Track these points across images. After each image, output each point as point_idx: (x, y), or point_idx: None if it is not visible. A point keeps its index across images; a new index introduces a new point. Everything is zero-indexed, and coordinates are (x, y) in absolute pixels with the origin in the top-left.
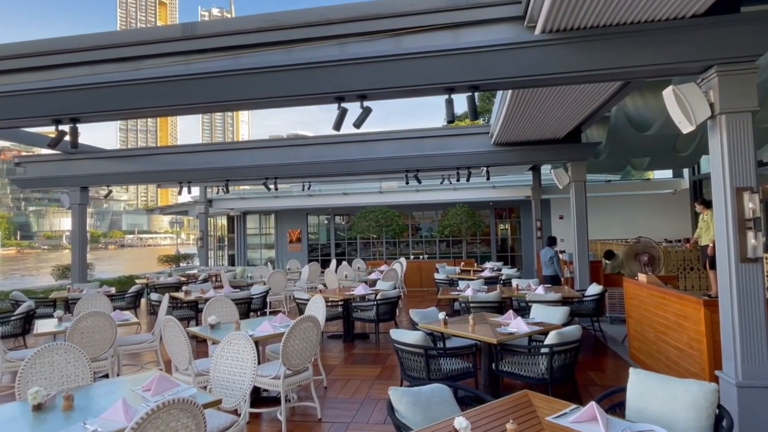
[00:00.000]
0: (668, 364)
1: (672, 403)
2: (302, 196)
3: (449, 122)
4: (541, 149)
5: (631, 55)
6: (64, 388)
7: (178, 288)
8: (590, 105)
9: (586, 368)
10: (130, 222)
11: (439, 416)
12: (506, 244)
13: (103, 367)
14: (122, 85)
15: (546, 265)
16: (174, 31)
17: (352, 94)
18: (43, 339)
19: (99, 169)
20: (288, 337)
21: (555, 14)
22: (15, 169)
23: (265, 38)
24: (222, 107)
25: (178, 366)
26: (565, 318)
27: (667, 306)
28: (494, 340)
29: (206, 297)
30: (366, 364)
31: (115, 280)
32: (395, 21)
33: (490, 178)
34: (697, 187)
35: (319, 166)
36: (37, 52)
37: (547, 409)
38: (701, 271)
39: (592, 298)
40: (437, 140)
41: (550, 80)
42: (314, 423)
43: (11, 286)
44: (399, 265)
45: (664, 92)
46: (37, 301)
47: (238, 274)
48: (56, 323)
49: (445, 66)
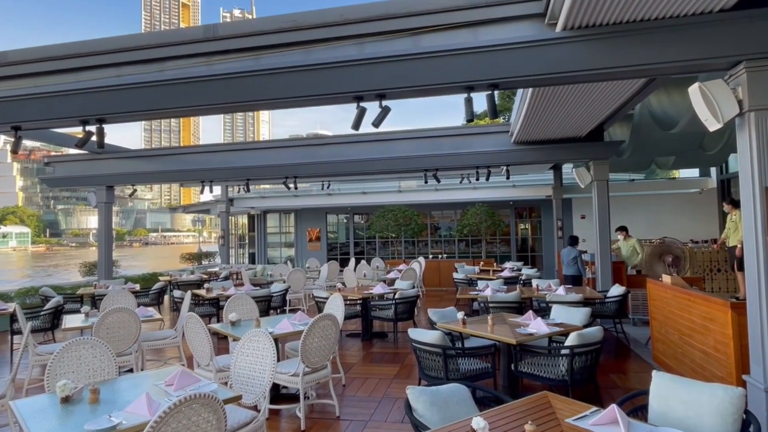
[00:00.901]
0: (693, 368)
1: (696, 408)
2: (321, 195)
3: (468, 121)
4: (563, 148)
5: (656, 51)
6: (91, 381)
7: (200, 285)
8: (613, 103)
9: (608, 370)
10: (153, 220)
11: (457, 416)
12: (526, 244)
13: (128, 361)
14: (146, 86)
15: (568, 265)
16: (196, 33)
17: (370, 93)
18: (70, 334)
19: (124, 168)
20: (307, 335)
21: (577, 11)
22: (44, 169)
23: (285, 39)
24: (243, 107)
25: (199, 362)
26: (587, 319)
27: (693, 308)
28: (514, 341)
29: (227, 294)
30: (384, 362)
31: (140, 277)
32: (413, 20)
33: (510, 177)
34: (725, 186)
35: (339, 165)
36: (65, 54)
37: (567, 410)
38: (729, 272)
39: (615, 299)
40: (456, 139)
41: (572, 78)
42: (333, 420)
43: (41, 281)
44: (417, 264)
45: (689, 89)
46: (65, 296)
47: (258, 272)
48: (83, 318)
49: (464, 65)
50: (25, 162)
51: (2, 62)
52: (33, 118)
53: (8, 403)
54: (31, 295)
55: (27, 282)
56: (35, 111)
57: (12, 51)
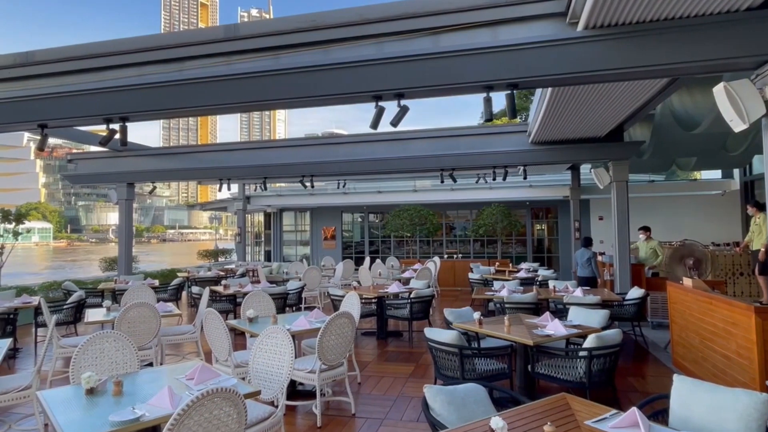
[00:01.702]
0: (715, 373)
1: (719, 413)
2: (337, 193)
3: (487, 120)
4: (582, 148)
5: (680, 50)
6: (114, 374)
7: (217, 282)
8: (634, 103)
9: (626, 374)
10: (171, 217)
11: (474, 416)
12: (542, 245)
13: (148, 356)
14: (167, 85)
15: (582, 266)
16: (217, 33)
17: (389, 92)
18: (92, 327)
19: (144, 166)
20: (324, 333)
21: (600, 10)
22: (66, 166)
23: (304, 38)
24: (262, 106)
25: (218, 357)
26: (605, 322)
27: (715, 312)
28: (531, 342)
29: (244, 291)
30: (399, 361)
31: (158, 272)
32: (433, 19)
33: (527, 177)
34: (748, 188)
35: (355, 164)
36: (89, 54)
37: (586, 413)
38: (751, 276)
39: (633, 301)
40: (473, 138)
41: (593, 77)
42: (348, 418)
43: (63, 276)
44: (432, 263)
45: (714, 89)
46: (86, 291)
47: (274, 270)
48: (105, 313)
49: (483, 64)
50: (47, 159)
51: (29, 62)
52: (59, 116)
53: (36, 393)
54: (54, 289)
55: (50, 274)
56: (61, 109)
57: (39, 51)
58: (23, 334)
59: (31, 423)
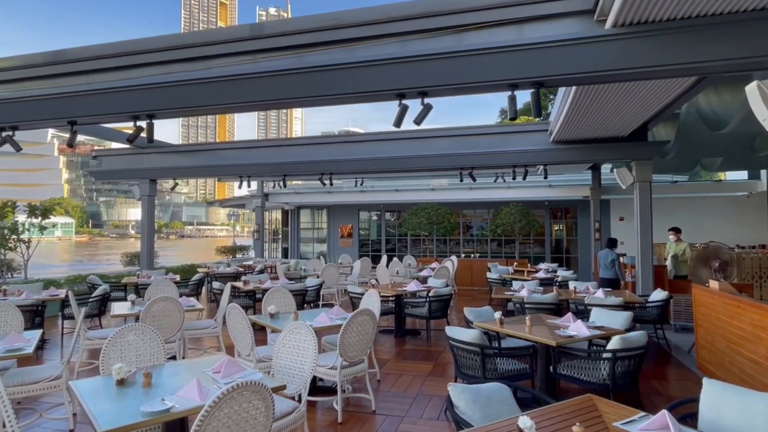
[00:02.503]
0: (742, 377)
1: (751, 418)
2: (354, 191)
3: (512, 119)
4: (604, 147)
5: (710, 48)
6: (141, 366)
7: (237, 278)
8: (660, 102)
9: (650, 377)
10: (189, 214)
11: (498, 415)
12: (561, 245)
13: (171, 349)
14: (193, 83)
15: (605, 267)
16: (242, 32)
17: (413, 91)
18: (115, 321)
19: (166, 163)
20: (345, 329)
21: (630, 7)
22: (89, 162)
23: (328, 37)
24: (286, 104)
25: (240, 351)
26: (628, 323)
27: (743, 315)
28: (553, 342)
29: (264, 287)
30: (418, 360)
31: (178, 267)
32: (457, 17)
33: (547, 177)
34: None
35: (373, 162)
36: (117, 53)
37: (613, 414)
38: None
39: (656, 304)
40: (493, 137)
41: (620, 76)
42: (368, 414)
43: (85, 270)
44: (450, 263)
45: (747, 88)
46: (110, 285)
47: (291, 267)
48: (129, 306)
49: (508, 62)
50: (70, 156)
51: (60, 60)
52: (88, 113)
53: (69, 383)
54: (79, 283)
55: (73, 267)
56: (90, 106)
57: (69, 50)
58: (49, 325)
59: (61, 412)
